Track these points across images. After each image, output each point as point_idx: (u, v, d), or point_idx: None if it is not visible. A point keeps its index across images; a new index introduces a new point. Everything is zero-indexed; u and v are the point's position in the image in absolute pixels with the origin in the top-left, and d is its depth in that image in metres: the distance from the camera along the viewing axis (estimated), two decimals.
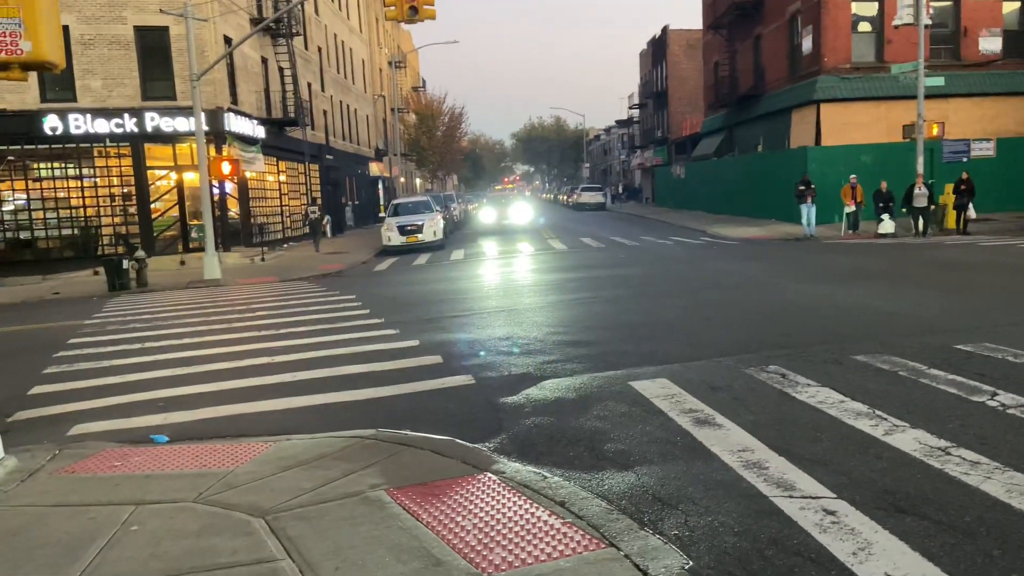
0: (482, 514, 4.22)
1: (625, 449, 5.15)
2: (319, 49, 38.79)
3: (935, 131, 24.25)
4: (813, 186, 22.89)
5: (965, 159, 26.88)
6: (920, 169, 22.99)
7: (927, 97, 23.89)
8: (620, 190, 71.81)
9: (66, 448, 5.97)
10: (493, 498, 4.44)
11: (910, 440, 4.89)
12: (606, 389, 6.64)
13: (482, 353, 8.53)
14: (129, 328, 12.31)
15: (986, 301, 10.12)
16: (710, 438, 5.20)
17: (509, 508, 4.28)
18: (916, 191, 21.47)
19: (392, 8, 16.66)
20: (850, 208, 22.59)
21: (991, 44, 28.96)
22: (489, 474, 4.82)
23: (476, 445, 5.42)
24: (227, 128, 25.24)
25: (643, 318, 10.21)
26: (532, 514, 4.18)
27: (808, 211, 22.47)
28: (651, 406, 6.03)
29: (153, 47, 24.99)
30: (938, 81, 24.53)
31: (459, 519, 4.17)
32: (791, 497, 4.17)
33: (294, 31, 32.11)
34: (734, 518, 3.99)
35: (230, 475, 5.08)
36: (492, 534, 3.97)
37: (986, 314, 9.15)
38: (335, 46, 42.67)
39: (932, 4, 24.14)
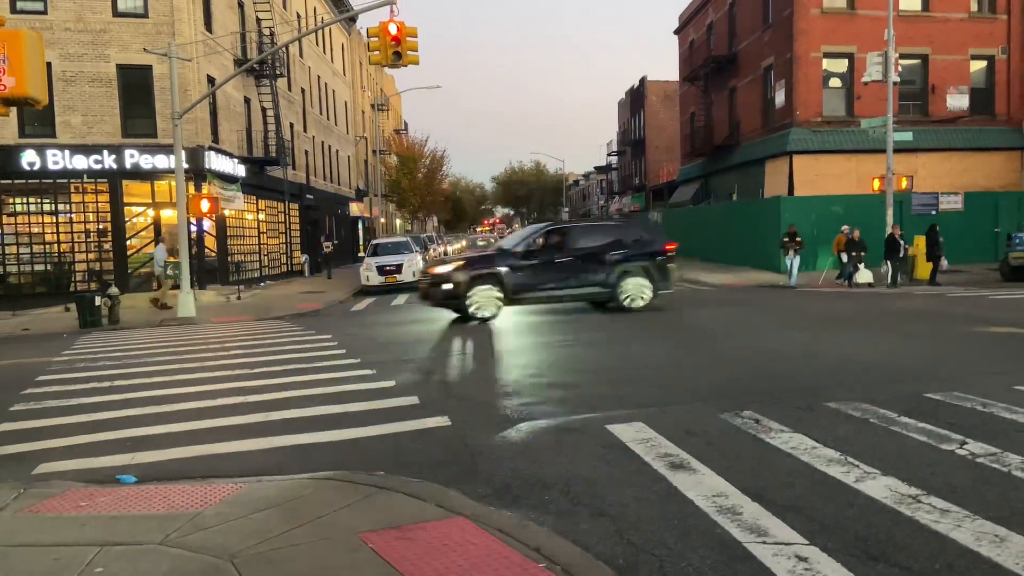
0: (456, 558, 4.18)
1: (600, 493, 5.14)
2: (302, 90, 39.16)
3: (904, 184, 24.91)
4: (799, 238, 22.96)
5: (934, 212, 27.61)
6: (891, 220, 23.53)
7: (896, 151, 24.57)
8: None
9: (31, 487, 5.83)
10: (468, 542, 4.40)
11: (881, 487, 4.93)
12: (583, 432, 6.64)
13: (459, 395, 8.50)
14: (99, 366, 12.12)
15: (956, 350, 10.30)
16: (685, 483, 5.21)
17: (484, 553, 4.24)
18: (902, 242, 21.91)
19: (376, 53, 16.90)
20: (844, 258, 22.52)
21: (958, 101, 29.95)
22: (464, 518, 4.78)
23: (451, 488, 5.38)
24: (207, 166, 25.28)
25: (621, 362, 10.25)
26: (507, 559, 4.15)
27: (792, 262, 22.52)
28: (627, 450, 6.03)
29: (135, 85, 25.11)
30: (906, 136, 25.28)
31: (433, 563, 4.12)
32: (764, 543, 4.18)
33: (278, 72, 32.43)
34: (708, 564, 3.99)
35: (199, 517, 4.98)
36: None
37: (956, 363, 9.31)
38: (318, 88, 43.09)
39: (901, 62, 24.97)
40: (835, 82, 29.83)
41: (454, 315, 15.97)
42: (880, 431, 6.23)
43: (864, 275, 21.47)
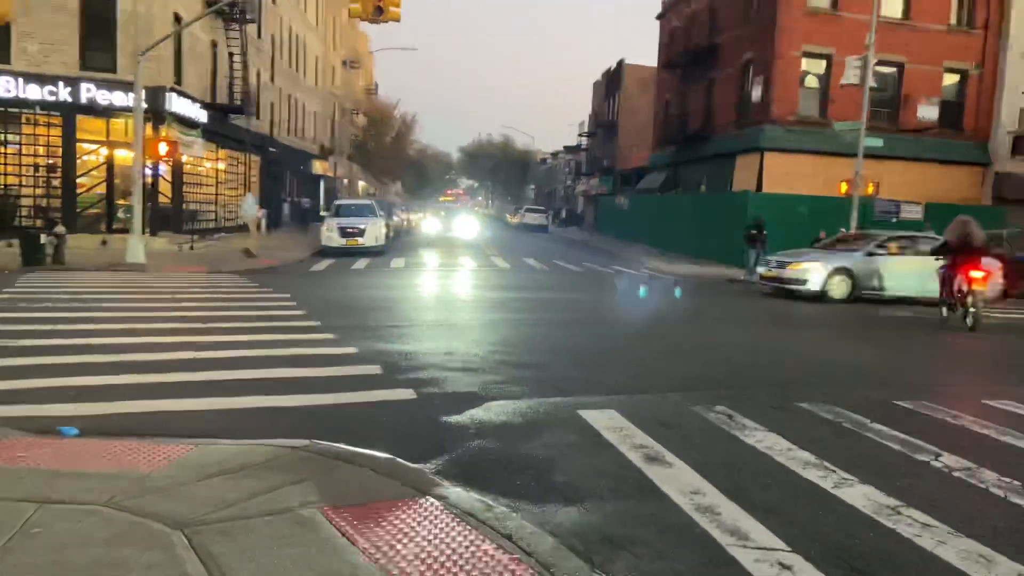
0: (424, 543, 3.94)
1: (574, 482, 4.95)
2: (272, 39, 37.90)
3: (871, 190, 25.19)
4: (765, 232, 22.80)
5: (894, 219, 27.98)
6: (854, 224, 23.77)
7: (864, 156, 24.78)
8: (563, 214, 72.39)
9: None
10: (435, 526, 4.16)
11: (859, 495, 4.83)
12: (553, 416, 6.44)
13: (424, 367, 8.23)
14: (41, 307, 11.52)
15: (921, 358, 10.38)
16: (661, 476, 5.05)
17: (453, 539, 4.01)
18: None
19: (357, 6, 16.29)
20: None
21: (928, 112, 30.30)
22: (431, 499, 4.54)
23: (417, 466, 5.13)
24: (168, 108, 24.25)
25: (588, 345, 10.09)
26: (477, 547, 3.92)
27: (756, 255, 22.25)
28: (600, 438, 5.85)
29: (98, 16, 23.85)
30: (877, 142, 25.50)
31: (399, 547, 3.88)
32: (745, 547, 4.03)
33: (248, 17, 31.24)
34: (687, 565, 3.83)
35: (146, 478, 4.65)
36: (435, 567, 3.69)
37: (921, 371, 9.36)
38: (289, 38, 41.78)
39: (877, 68, 25.11)
40: (812, 82, 29.95)
41: (416, 284, 15.63)
42: (854, 436, 6.16)
43: None
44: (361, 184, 68.34)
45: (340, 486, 4.67)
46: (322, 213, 35.09)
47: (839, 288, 16.75)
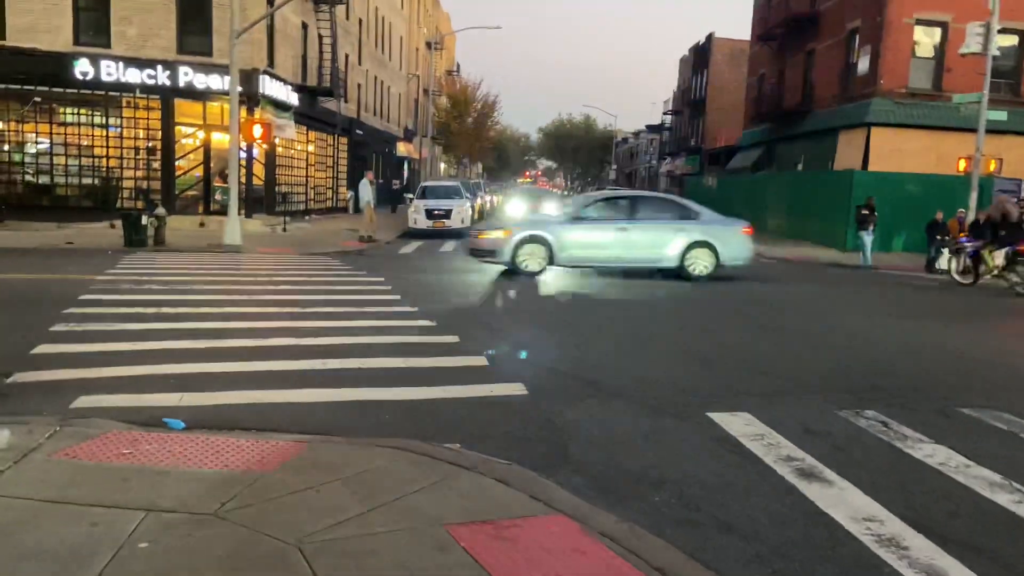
0: (566, 572, 3.44)
1: (722, 502, 4.35)
2: (359, 21, 37.99)
3: (992, 167, 23.32)
4: (876, 213, 21.51)
5: (1015, 199, 25.89)
6: (973, 204, 22.05)
7: (985, 131, 22.91)
8: None
9: (68, 424, 5.21)
10: (576, 551, 3.65)
11: None
12: (681, 418, 5.84)
13: (531, 359, 7.74)
14: (145, 289, 11.58)
15: None
16: (823, 498, 4.39)
17: (599, 568, 3.50)
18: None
19: None
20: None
21: None
22: (566, 517, 4.03)
23: (542, 475, 4.63)
24: (261, 91, 24.48)
25: (703, 337, 9.40)
26: None
27: (869, 239, 20.99)
28: (740, 447, 5.23)
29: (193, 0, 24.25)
30: (1001, 115, 23.59)
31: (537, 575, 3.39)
32: None
33: None
34: None
35: (258, 482, 4.31)
36: None
37: None
38: (375, 20, 41.86)
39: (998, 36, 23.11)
40: (925, 52, 27.93)
41: (507, 270, 15.15)
42: None
43: (947, 261, 20.09)
44: (442, 166, 68.49)
45: (464, 498, 4.22)
46: (406, 196, 35.13)
47: (532, 259, 14.86)
